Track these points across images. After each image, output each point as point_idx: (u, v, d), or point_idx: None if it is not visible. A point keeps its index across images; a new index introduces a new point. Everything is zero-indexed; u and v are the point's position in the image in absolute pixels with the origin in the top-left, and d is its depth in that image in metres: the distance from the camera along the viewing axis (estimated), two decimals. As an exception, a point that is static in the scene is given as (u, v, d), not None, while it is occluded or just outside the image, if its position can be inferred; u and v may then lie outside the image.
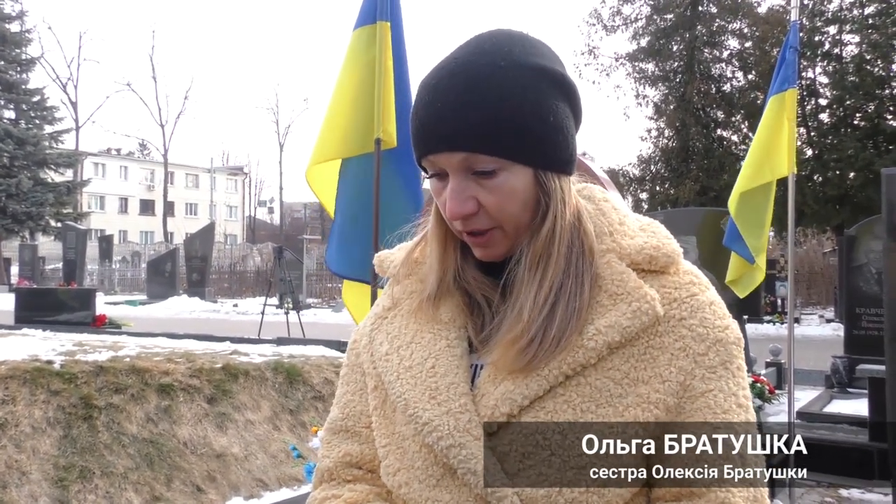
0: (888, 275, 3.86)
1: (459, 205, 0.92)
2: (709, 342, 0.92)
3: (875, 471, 5.39)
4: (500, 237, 0.95)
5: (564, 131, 0.93)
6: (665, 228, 1.01)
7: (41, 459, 4.20)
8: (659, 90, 27.43)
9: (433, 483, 0.93)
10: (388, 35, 3.36)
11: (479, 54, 0.92)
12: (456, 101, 0.89)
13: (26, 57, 35.23)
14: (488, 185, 0.91)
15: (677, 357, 0.90)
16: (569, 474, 0.87)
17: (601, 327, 0.90)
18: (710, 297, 0.95)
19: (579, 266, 0.93)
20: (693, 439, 0.89)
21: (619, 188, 24.46)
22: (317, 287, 27.08)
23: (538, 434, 0.88)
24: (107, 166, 61.33)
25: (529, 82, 0.90)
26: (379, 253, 1.13)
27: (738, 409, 0.91)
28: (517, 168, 0.91)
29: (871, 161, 20.41)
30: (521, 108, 0.89)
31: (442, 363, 0.96)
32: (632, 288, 0.92)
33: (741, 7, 25.69)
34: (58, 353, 5.31)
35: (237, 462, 4.85)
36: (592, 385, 0.89)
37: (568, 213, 0.94)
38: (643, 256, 0.95)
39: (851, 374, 7.41)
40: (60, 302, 12.59)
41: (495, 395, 0.91)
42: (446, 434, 0.91)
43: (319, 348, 7.25)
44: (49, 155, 34.00)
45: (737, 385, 0.92)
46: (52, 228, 32.63)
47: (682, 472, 0.89)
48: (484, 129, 0.89)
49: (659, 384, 0.89)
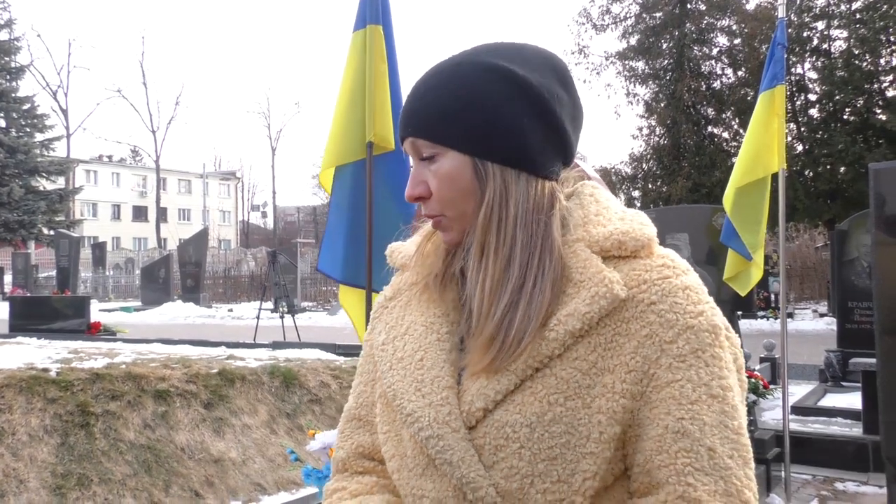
0: (878, 268, 3.89)
1: (412, 188, 1.00)
2: (678, 329, 0.89)
3: (870, 463, 5.42)
4: (448, 223, 1.00)
5: (509, 126, 0.95)
6: (646, 217, 0.99)
7: (39, 467, 4.20)
8: (649, 88, 27.53)
9: (419, 472, 0.96)
10: (379, 39, 3.38)
11: (452, 58, 1.01)
12: (414, 96, 1.00)
13: (16, 65, 35.17)
14: (432, 170, 0.98)
15: (643, 345, 0.89)
16: (539, 466, 0.88)
17: (561, 317, 0.90)
18: (684, 281, 0.92)
19: (543, 264, 0.93)
20: (656, 430, 0.88)
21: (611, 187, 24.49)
22: (311, 290, 27.06)
23: (507, 427, 0.89)
24: (99, 173, 61.16)
25: (477, 78, 0.96)
26: (391, 244, 1.16)
27: (709, 399, 0.88)
28: (453, 154, 0.96)
29: (861, 155, 20.51)
30: (462, 99, 0.95)
31: (430, 356, 0.99)
32: (592, 273, 0.91)
33: (729, 4, 25.79)
34: (53, 360, 5.30)
35: (235, 467, 4.85)
36: (559, 377, 0.89)
37: (513, 207, 0.94)
38: (611, 242, 0.94)
39: (845, 367, 7.45)
40: (55, 310, 12.57)
41: (472, 390, 0.93)
42: (426, 425, 0.93)
43: (315, 351, 7.26)
44: (40, 163, 33.93)
45: (710, 375, 0.89)
46: (45, 236, 32.52)
47: (647, 465, 0.88)
48: (425, 116, 0.97)
49: (624, 373, 0.88)
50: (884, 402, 3.89)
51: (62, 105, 49.10)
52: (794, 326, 15.18)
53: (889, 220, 3.87)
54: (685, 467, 0.86)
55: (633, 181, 27.66)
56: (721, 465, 0.86)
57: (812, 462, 5.59)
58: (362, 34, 3.38)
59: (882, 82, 22.68)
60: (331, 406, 5.74)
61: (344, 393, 5.90)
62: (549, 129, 0.97)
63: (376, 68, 3.35)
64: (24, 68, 36.07)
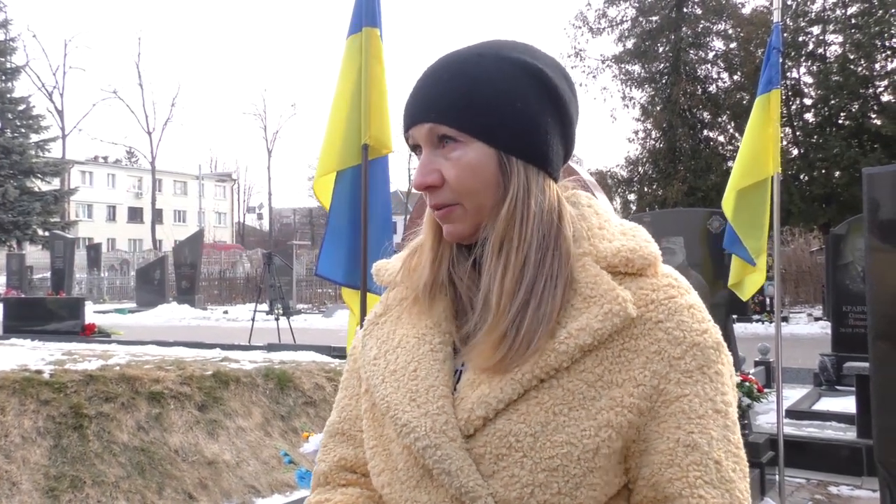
0: (872, 273, 3.89)
1: (424, 175, 0.96)
2: (685, 346, 0.90)
3: (864, 467, 5.43)
4: (461, 213, 0.96)
5: (535, 123, 0.95)
6: (646, 232, 1.00)
7: (31, 469, 4.18)
8: (645, 92, 27.59)
9: (413, 484, 0.95)
10: (375, 41, 3.38)
11: (469, 48, 0.99)
12: (433, 81, 0.97)
13: (11, 65, 35.06)
14: (451, 158, 0.95)
15: (652, 360, 0.89)
16: (540, 476, 0.87)
17: (573, 330, 0.90)
18: (688, 300, 0.94)
19: (553, 267, 0.93)
20: (666, 444, 0.88)
21: (607, 190, 24.52)
22: (307, 293, 27.03)
23: (511, 436, 0.89)
24: (94, 174, 61.02)
25: (504, 71, 0.95)
26: (376, 263, 1.15)
27: (714, 414, 0.89)
28: (478, 144, 0.94)
29: (856, 160, 20.58)
30: (488, 89, 0.94)
31: (424, 367, 0.98)
32: (604, 290, 0.92)
33: (725, 8, 25.88)
34: (47, 362, 5.28)
35: (229, 469, 4.84)
36: (565, 388, 0.89)
37: (534, 204, 0.94)
38: (619, 259, 0.94)
39: (839, 371, 7.47)
40: (49, 311, 12.53)
41: (472, 398, 0.92)
42: (423, 435, 0.92)
43: (310, 354, 7.25)
44: (35, 164, 33.82)
45: (714, 390, 0.90)
46: (40, 237, 32.43)
47: (655, 478, 0.89)
48: (448, 102, 0.94)
49: (633, 387, 0.89)
50: (877, 406, 3.90)
51: (58, 106, 49.04)
52: (789, 330, 15.21)
53: (883, 225, 3.87)
54: (696, 480, 0.87)
55: (629, 184, 27.70)
56: (726, 477, 0.88)
57: (806, 466, 5.60)
58: (358, 38, 3.38)
59: (877, 87, 22.77)
60: (325, 408, 5.74)
61: (339, 395, 5.89)
62: (564, 130, 0.99)
63: (372, 70, 3.35)
64: (19, 69, 35.96)
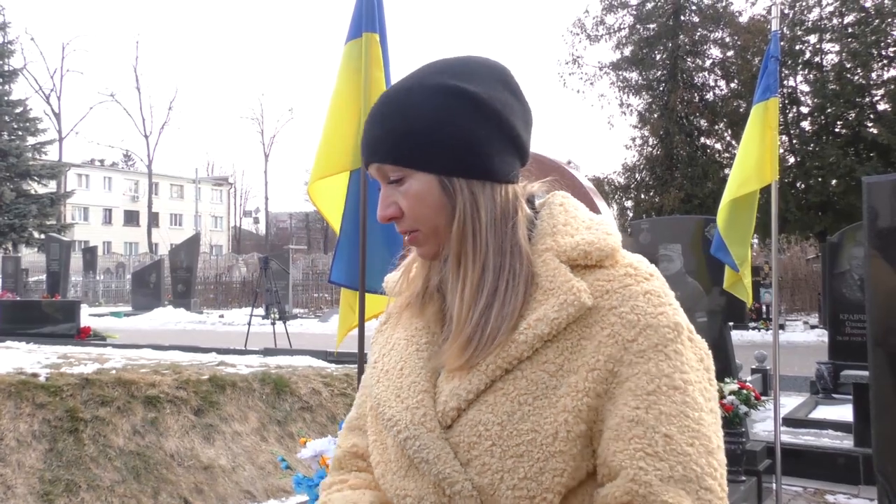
0: (870, 281, 3.90)
1: (384, 209, 1.05)
2: (639, 328, 0.93)
3: (861, 476, 5.43)
4: (423, 237, 1.05)
5: (468, 142, 1.00)
6: (612, 225, 1.05)
7: (27, 473, 4.16)
8: (643, 99, 27.60)
9: (402, 474, 1.01)
10: (375, 46, 3.38)
11: (401, 82, 1.06)
12: (373, 122, 1.04)
13: (9, 68, 35.04)
14: (401, 191, 1.03)
15: (605, 344, 0.93)
16: (508, 462, 0.92)
17: (531, 321, 0.95)
18: (645, 286, 0.97)
19: (515, 267, 0.99)
20: (613, 421, 0.91)
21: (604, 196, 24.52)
22: (303, 297, 27.02)
23: (480, 426, 0.95)
24: (91, 177, 60.95)
25: (430, 99, 1.00)
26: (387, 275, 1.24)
27: (669, 390, 0.90)
28: (419, 175, 1.01)
29: (852, 168, 20.61)
30: (418, 122, 1.00)
31: (409, 365, 1.06)
32: (561, 282, 0.97)
33: (723, 16, 25.93)
34: (43, 365, 5.27)
35: (225, 474, 4.82)
36: (528, 378, 0.94)
37: (484, 216, 1.00)
38: (578, 252, 0.99)
39: (836, 379, 7.47)
40: (44, 314, 12.51)
41: (446, 391, 0.99)
42: (403, 427, 1.00)
43: (306, 359, 7.24)
44: (32, 166, 33.78)
45: (672, 367, 0.92)
46: (36, 240, 32.37)
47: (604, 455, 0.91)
48: (387, 142, 1.02)
49: (587, 372, 0.92)
50: (875, 414, 3.90)
51: (55, 109, 48.90)
52: (786, 338, 15.23)
53: (882, 233, 3.88)
54: (636, 452, 0.89)
55: (626, 191, 27.70)
56: (678, 451, 0.88)
57: (803, 474, 5.59)
58: (358, 43, 3.38)
59: (874, 96, 22.81)
60: (322, 414, 5.72)
61: (335, 401, 5.88)
62: (505, 137, 1.02)
63: (372, 75, 3.35)
64: (17, 72, 35.91)
